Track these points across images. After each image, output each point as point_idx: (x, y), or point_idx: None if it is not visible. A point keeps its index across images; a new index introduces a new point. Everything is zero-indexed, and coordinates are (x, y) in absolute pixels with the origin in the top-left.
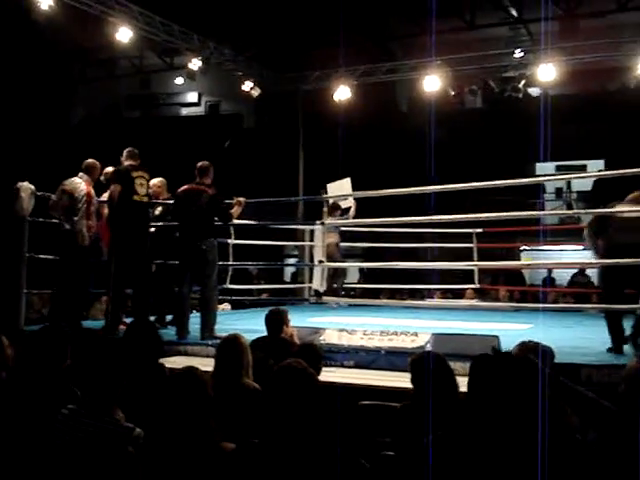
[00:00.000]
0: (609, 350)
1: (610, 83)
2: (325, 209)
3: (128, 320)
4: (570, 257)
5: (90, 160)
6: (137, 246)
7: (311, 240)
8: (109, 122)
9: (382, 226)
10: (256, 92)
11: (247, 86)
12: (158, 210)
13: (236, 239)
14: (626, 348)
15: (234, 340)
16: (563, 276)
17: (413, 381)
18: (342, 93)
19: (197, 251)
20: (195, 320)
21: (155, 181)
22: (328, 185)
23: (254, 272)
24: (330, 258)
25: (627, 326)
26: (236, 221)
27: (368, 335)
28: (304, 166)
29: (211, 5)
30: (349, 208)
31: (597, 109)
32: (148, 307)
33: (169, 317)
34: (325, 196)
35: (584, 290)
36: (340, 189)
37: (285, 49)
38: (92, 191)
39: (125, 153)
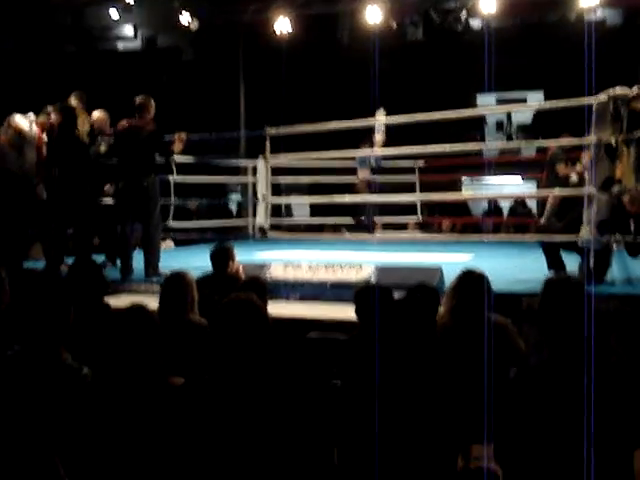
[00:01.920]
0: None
1: (550, 15)
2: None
3: (69, 260)
4: (510, 188)
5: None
6: (78, 184)
7: (254, 175)
8: (43, 55)
9: (326, 160)
10: (194, 25)
11: (185, 19)
12: (103, 148)
13: (178, 175)
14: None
15: (179, 276)
16: (504, 207)
17: (357, 312)
18: (282, 25)
19: (138, 188)
20: (139, 258)
21: (100, 114)
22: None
23: (193, 208)
24: (357, 193)
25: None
26: (177, 157)
27: (313, 269)
28: (245, 100)
29: None
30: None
31: (537, 41)
32: (90, 246)
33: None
34: (266, 131)
35: (524, 220)
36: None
37: None
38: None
39: (73, 94)
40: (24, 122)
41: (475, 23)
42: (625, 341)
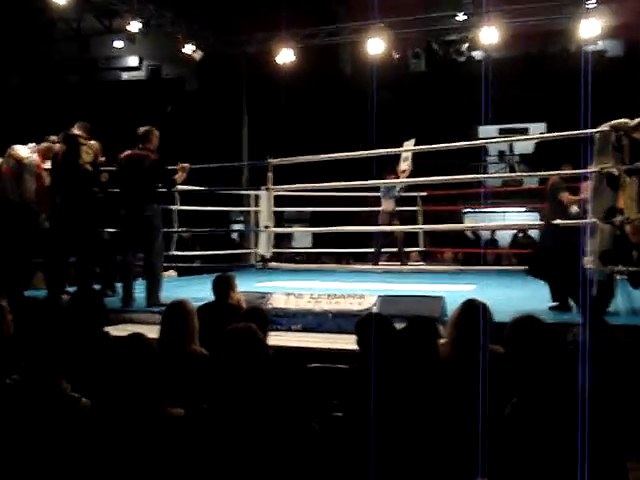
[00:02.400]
0: (551, 308)
1: (551, 46)
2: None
3: (71, 289)
4: (512, 219)
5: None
6: (81, 213)
7: (256, 205)
8: (48, 87)
9: (328, 190)
10: (198, 55)
11: (189, 49)
12: (104, 177)
13: (180, 205)
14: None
15: (179, 305)
16: (506, 238)
17: (359, 343)
18: (285, 56)
19: (141, 218)
20: (141, 288)
21: (92, 143)
22: (405, 143)
23: (187, 237)
24: (381, 224)
25: None
26: (180, 187)
27: (315, 299)
28: (248, 130)
29: None
30: (403, 171)
31: (538, 72)
32: (92, 276)
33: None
34: (269, 161)
35: (527, 250)
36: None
37: (227, 11)
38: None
39: (77, 124)
40: (23, 151)
41: (477, 54)
42: (630, 371)
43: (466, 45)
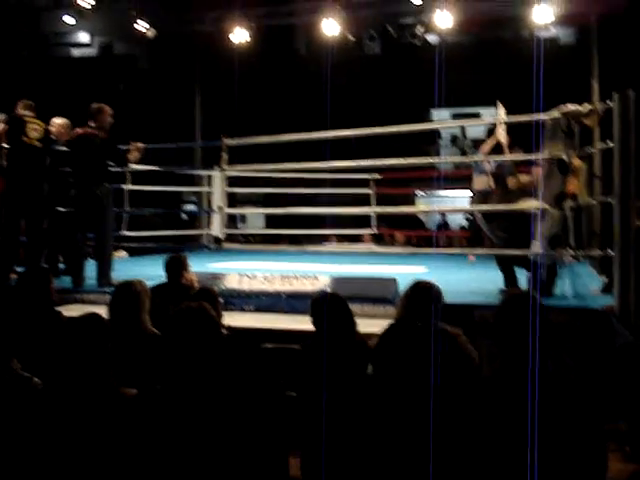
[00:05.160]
0: (502, 291)
1: (504, 32)
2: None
3: (20, 269)
4: (464, 202)
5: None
6: (30, 192)
7: (209, 186)
8: None
9: (280, 172)
10: (152, 33)
11: (142, 26)
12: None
13: (132, 185)
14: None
15: (130, 285)
16: (456, 221)
17: (314, 321)
18: (239, 36)
19: (91, 197)
20: (91, 268)
21: (60, 121)
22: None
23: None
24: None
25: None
26: (133, 166)
27: (268, 279)
28: (201, 110)
29: None
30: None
31: (492, 58)
32: (42, 256)
33: (62, 266)
34: (225, 141)
35: (477, 234)
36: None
37: None
38: None
39: (20, 103)
40: None
41: (432, 38)
42: (575, 353)
43: (421, 28)
